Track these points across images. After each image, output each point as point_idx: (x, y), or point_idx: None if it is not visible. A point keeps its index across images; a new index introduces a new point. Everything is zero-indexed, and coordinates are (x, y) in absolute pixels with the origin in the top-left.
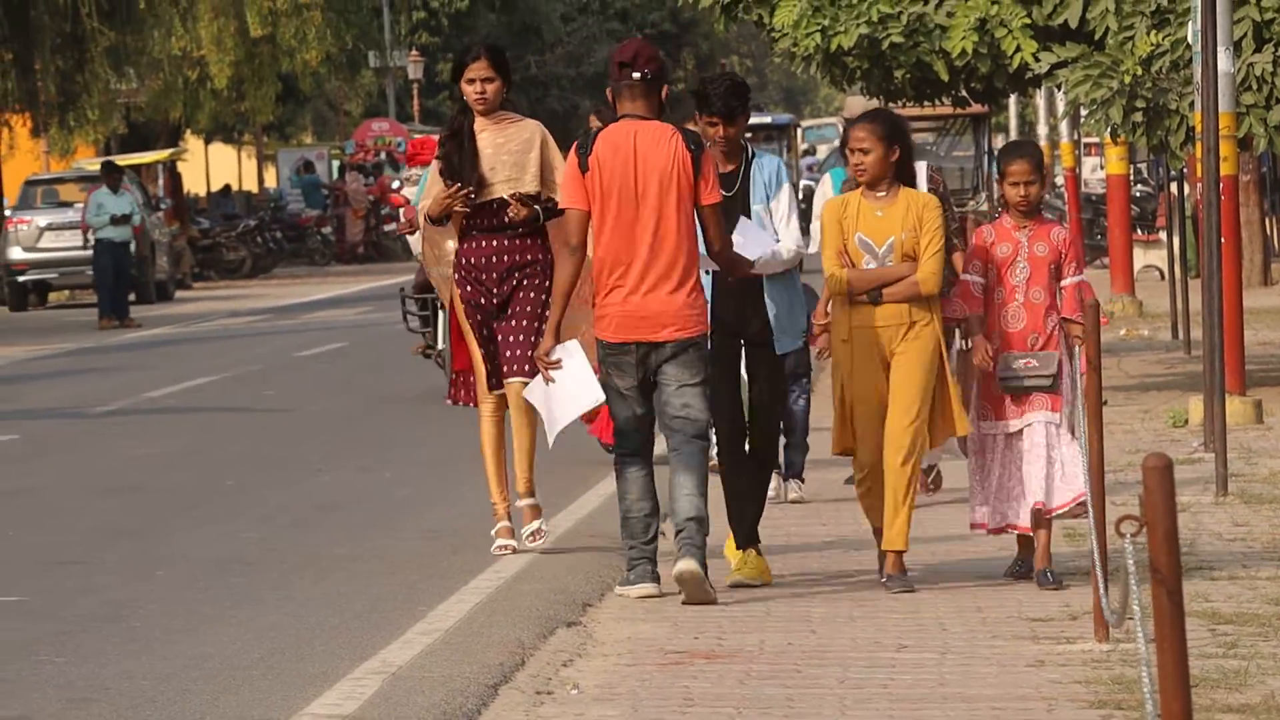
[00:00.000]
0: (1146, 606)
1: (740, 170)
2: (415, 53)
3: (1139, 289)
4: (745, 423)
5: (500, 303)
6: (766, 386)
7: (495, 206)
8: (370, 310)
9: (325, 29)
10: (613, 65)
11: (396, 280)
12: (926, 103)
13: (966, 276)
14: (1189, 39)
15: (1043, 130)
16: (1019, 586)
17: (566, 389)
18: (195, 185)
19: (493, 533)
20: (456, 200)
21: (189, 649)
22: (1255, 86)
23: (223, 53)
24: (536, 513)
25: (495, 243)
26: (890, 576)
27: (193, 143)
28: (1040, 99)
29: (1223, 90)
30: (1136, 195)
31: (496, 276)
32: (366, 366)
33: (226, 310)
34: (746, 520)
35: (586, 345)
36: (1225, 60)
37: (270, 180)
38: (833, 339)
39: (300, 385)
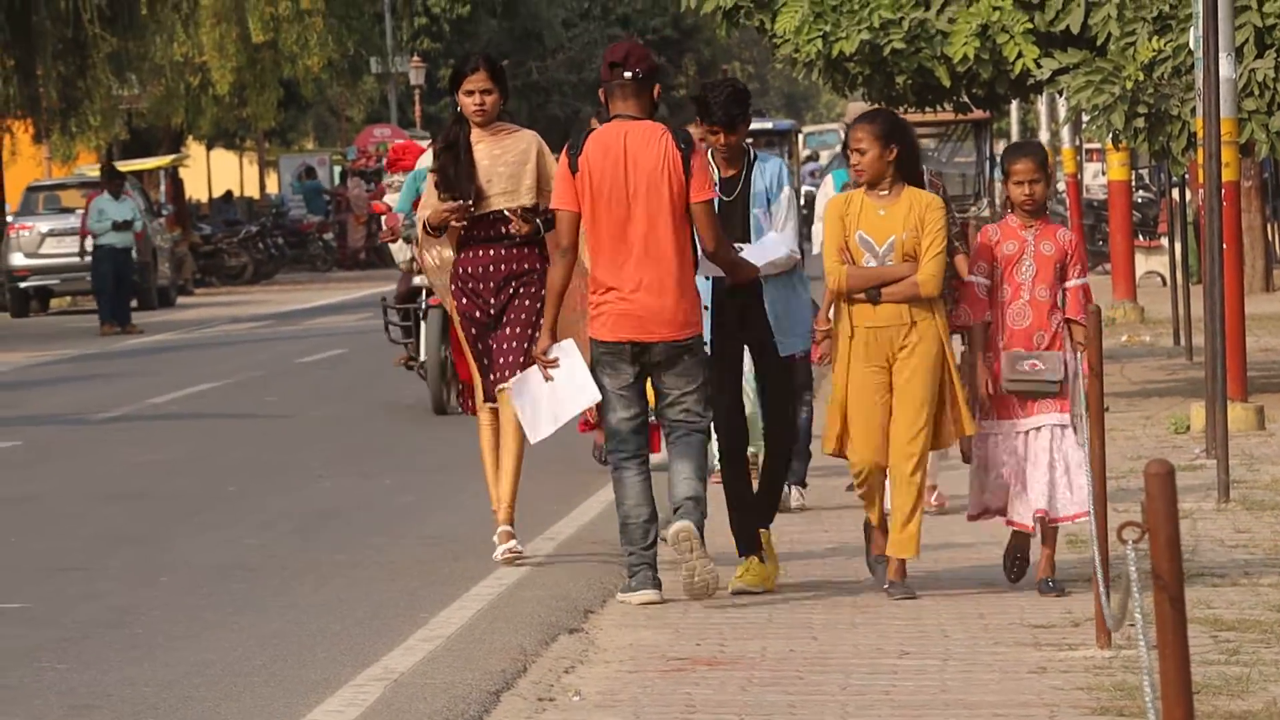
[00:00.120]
0: (1148, 613)
1: (742, 174)
2: (417, 59)
3: (1141, 295)
4: (745, 428)
5: (496, 314)
6: (775, 388)
7: (492, 218)
8: (372, 316)
9: (327, 35)
10: (604, 65)
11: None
12: (928, 108)
13: (972, 278)
14: (1191, 45)
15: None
16: (1021, 593)
17: (564, 387)
18: (197, 191)
19: (494, 538)
20: (453, 214)
21: (191, 656)
22: (1257, 92)
23: (224, 59)
24: (509, 538)
25: (492, 252)
26: (892, 583)
27: (194, 148)
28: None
29: (1224, 96)
30: (1138, 201)
31: (493, 286)
32: (368, 373)
33: (228, 316)
34: (748, 527)
35: (580, 348)
36: (1227, 66)
37: (272, 186)
38: (834, 337)
39: (302, 391)
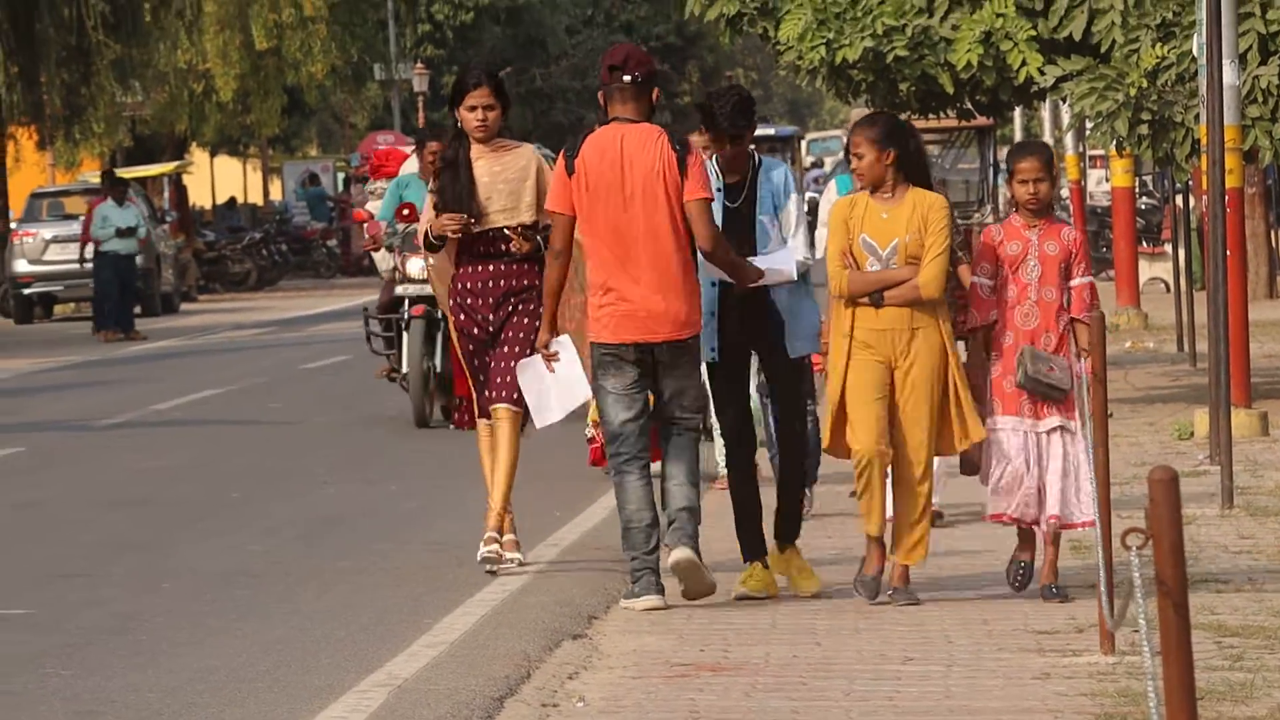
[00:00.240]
0: (1152, 619)
1: (746, 180)
2: (420, 65)
3: (1144, 301)
4: (753, 435)
5: (494, 331)
6: (786, 393)
7: (490, 235)
8: None
9: (330, 42)
10: (603, 69)
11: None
12: (931, 115)
13: (975, 279)
14: (1194, 52)
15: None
16: (1024, 599)
17: (560, 381)
18: (200, 198)
19: (480, 543)
20: (454, 228)
21: (195, 662)
22: (1260, 99)
23: (228, 66)
24: (493, 543)
25: (490, 268)
26: (896, 589)
27: (198, 155)
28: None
29: (1228, 103)
30: (1142, 208)
31: (492, 302)
32: (372, 379)
33: (232, 323)
34: (753, 533)
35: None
36: (1230, 73)
37: (275, 193)
38: (832, 336)
39: (305, 398)
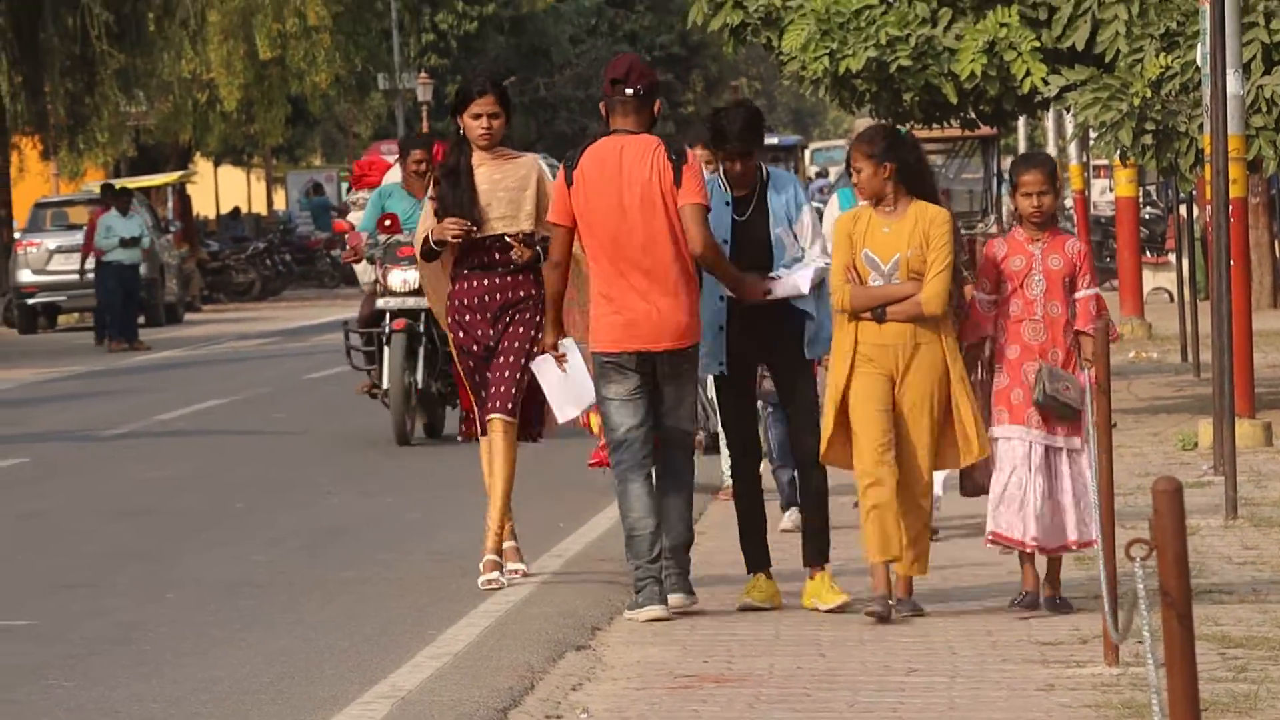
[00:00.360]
0: (1156, 630)
1: (755, 193)
2: (424, 75)
3: (1148, 311)
4: (759, 447)
5: (493, 344)
6: (798, 408)
7: (488, 244)
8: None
9: (334, 51)
10: (605, 81)
11: None
12: (935, 125)
13: (976, 294)
14: (1198, 61)
15: (1052, 152)
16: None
17: (572, 380)
18: (204, 208)
19: (480, 565)
20: (451, 230)
21: (199, 672)
22: (1264, 109)
23: (232, 75)
24: (494, 568)
25: (487, 281)
26: (900, 600)
27: (202, 165)
28: (1049, 121)
29: (1232, 112)
30: (1146, 217)
31: (490, 317)
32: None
33: (236, 333)
34: (757, 544)
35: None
36: (1234, 82)
37: (279, 202)
38: (833, 351)
39: (309, 408)
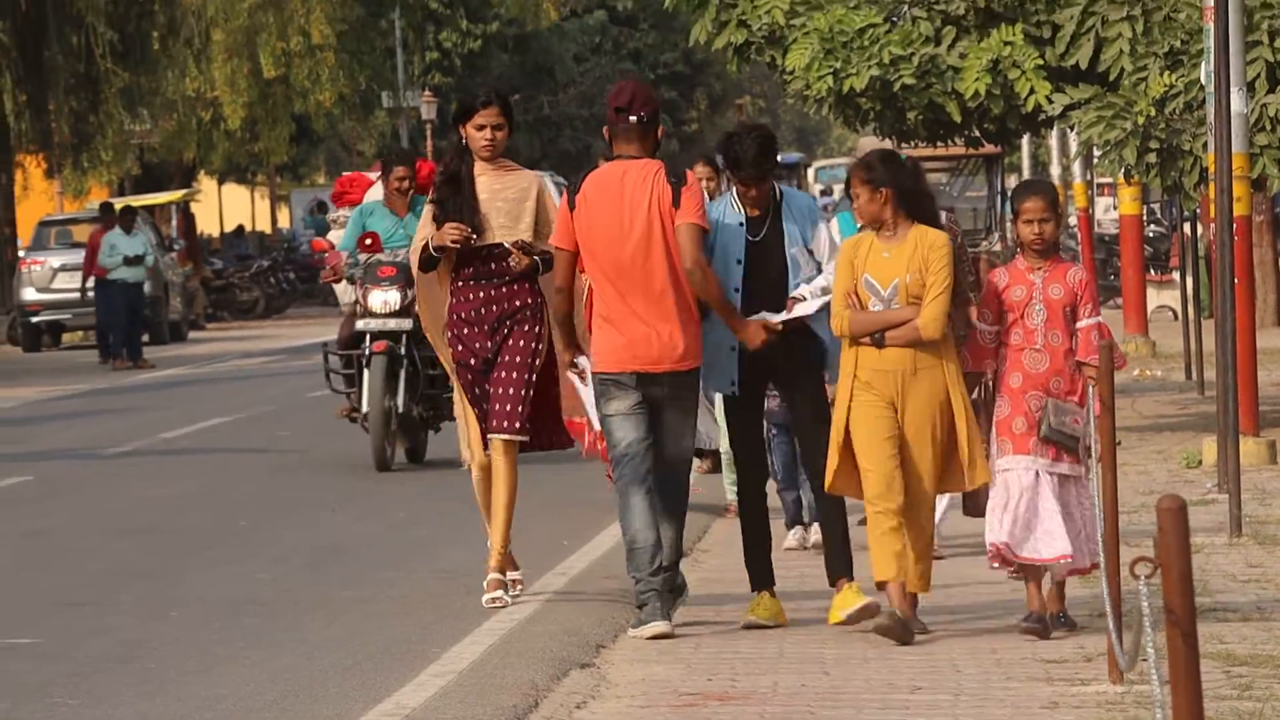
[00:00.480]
0: (1161, 648)
1: (769, 213)
2: (428, 93)
3: (1152, 329)
4: (765, 465)
5: (491, 357)
6: (810, 428)
7: (485, 254)
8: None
9: (338, 70)
10: (609, 109)
11: None
12: (939, 143)
13: (978, 324)
14: (1202, 80)
15: (1056, 170)
16: None
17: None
18: (209, 226)
19: (484, 584)
20: (451, 235)
21: (203, 690)
22: (1268, 127)
23: (236, 94)
24: (500, 585)
25: (485, 293)
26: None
27: (206, 183)
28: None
29: (1236, 131)
30: (1150, 236)
31: (487, 329)
32: None
33: (240, 351)
34: (762, 562)
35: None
36: (1239, 101)
37: (284, 220)
38: (839, 378)
39: (313, 426)
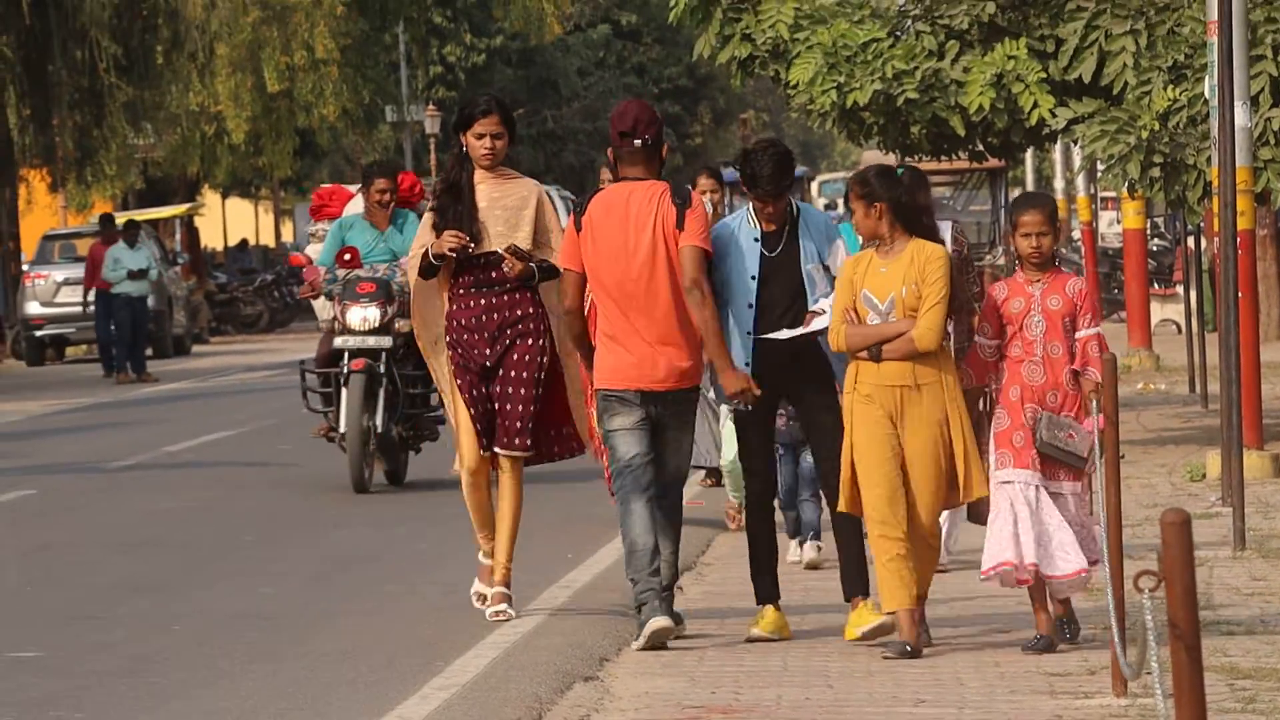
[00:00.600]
0: (1165, 662)
1: (785, 229)
2: (432, 107)
3: (1156, 343)
4: (775, 482)
5: (493, 364)
6: (824, 445)
7: (484, 262)
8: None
9: (342, 84)
10: (613, 132)
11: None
12: (943, 157)
13: (978, 339)
14: (1206, 94)
15: (1059, 184)
16: None
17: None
18: (212, 240)
19: (488, 596)
20: (449, 243)
21: (206, 704)
22: (1273, 141)
23: (240, 108)
24: (504, 599)
25: (484, 301)
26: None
27: (210, 197)
28: (1057, 154)
29: (1240, 145)
30: (1153, 249)
31: (487, 336)
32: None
33: (244, 365)
34: (767, 576)
35: (570, 379)
36: (1242, 115)
37: (287, 234)
38: (844, 393)
39: (316, 440)
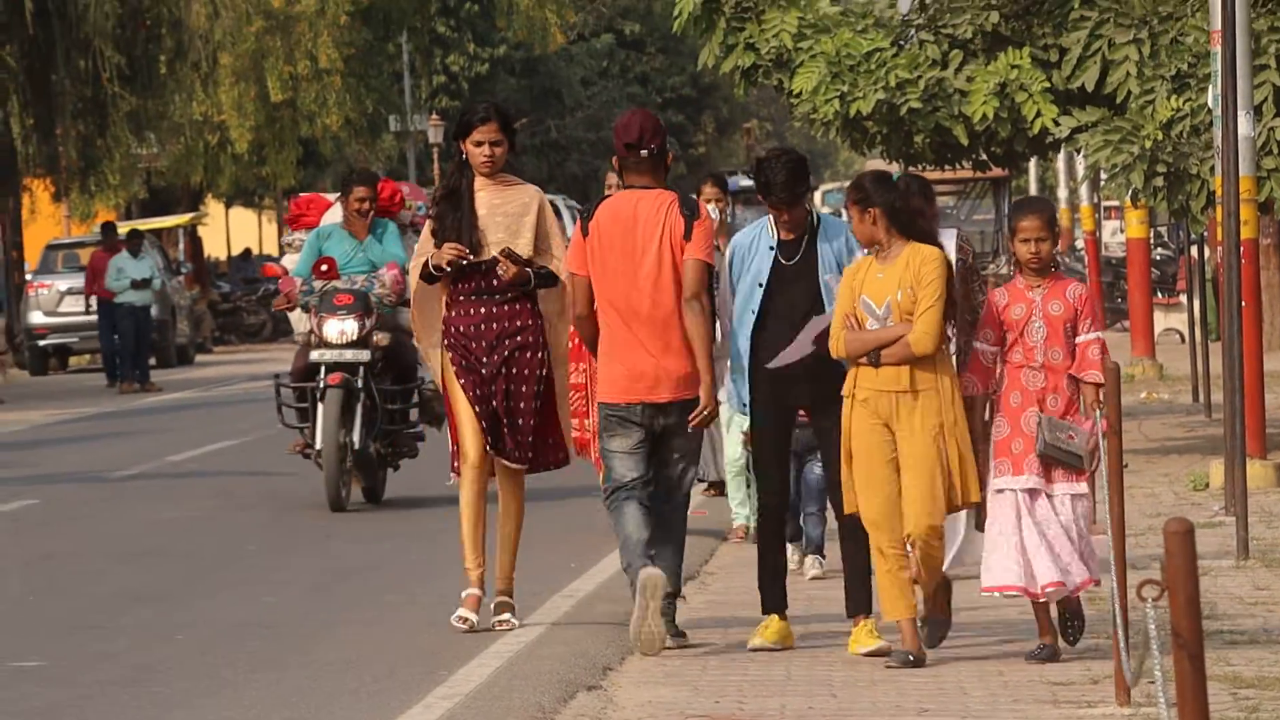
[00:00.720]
0: (1168, 671)
1: (804, 238)
2: (435, 117)
3: (1159, 352)
4: (789, 496)
5: (493, 373)
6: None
7: (484, 269)
8: None
9: (345, 94)
10: (618, 143)
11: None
12: (947, 167)
13: (978, 345)
14: (1210, 103)
15: (1063, 194)
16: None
17: None
18: (216, 249)
19: (462, 595)
20: (447, 256)
21: (209, 713)
22: (1276, 150)
23: (243, 117)
24: (508, 608)
25: (484, 309)
26: (934, 620)
27: (213, 207)
28: (1060, 163)
29: (1243, 154)
30: (1157, 259)
31: (486, 345)
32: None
33: (247, 374)
34: (774, 587)
35: (560, 392)
36: (1246, 124)
37: None
38: (844, 399)
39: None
